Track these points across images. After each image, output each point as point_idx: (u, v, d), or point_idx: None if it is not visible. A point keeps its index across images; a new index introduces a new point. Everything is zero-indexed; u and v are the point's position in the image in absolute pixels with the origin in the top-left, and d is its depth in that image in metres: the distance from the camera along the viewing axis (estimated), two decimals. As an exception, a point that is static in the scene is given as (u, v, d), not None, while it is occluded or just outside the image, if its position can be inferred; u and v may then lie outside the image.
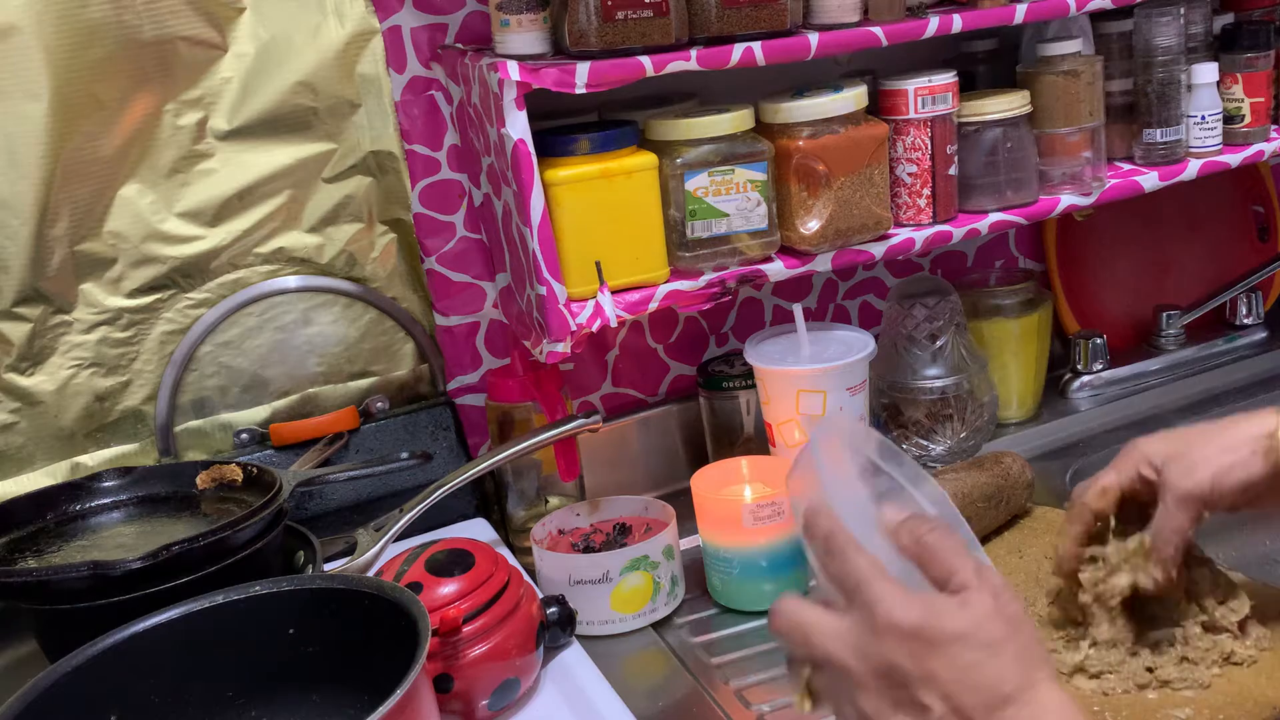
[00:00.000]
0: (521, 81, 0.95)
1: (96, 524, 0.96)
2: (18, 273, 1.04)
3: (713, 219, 1.04)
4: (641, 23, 0.96)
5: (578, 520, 1.09)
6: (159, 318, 1.10)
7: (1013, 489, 1.09)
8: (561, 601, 0.95)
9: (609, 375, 1.29)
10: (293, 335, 1.15)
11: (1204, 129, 1.24)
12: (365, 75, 1.11)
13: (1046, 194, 1.19)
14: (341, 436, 1.16)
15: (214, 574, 0.84)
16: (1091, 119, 1.18)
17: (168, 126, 1.06)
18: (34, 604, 0.84)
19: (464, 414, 1.22)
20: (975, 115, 1.14)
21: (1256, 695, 0.82)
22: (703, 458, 1.25)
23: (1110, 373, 1.40)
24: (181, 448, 1.14)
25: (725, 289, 1.06)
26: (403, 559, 0.90)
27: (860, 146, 1.06)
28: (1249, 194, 1.51)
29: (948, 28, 1.07)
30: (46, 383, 1.08)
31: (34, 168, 1.02)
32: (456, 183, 1.17)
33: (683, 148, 1.03)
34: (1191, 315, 1.46)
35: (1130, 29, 1.23)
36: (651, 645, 1.00)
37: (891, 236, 1.12)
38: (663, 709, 0.91)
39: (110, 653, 0.74)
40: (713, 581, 1.05)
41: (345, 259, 1.15)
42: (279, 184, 1.11)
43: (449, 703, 0.85)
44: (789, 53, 1.01)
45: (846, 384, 1.09)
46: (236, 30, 1.06)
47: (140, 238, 1.07)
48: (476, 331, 1.22)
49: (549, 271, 1.00)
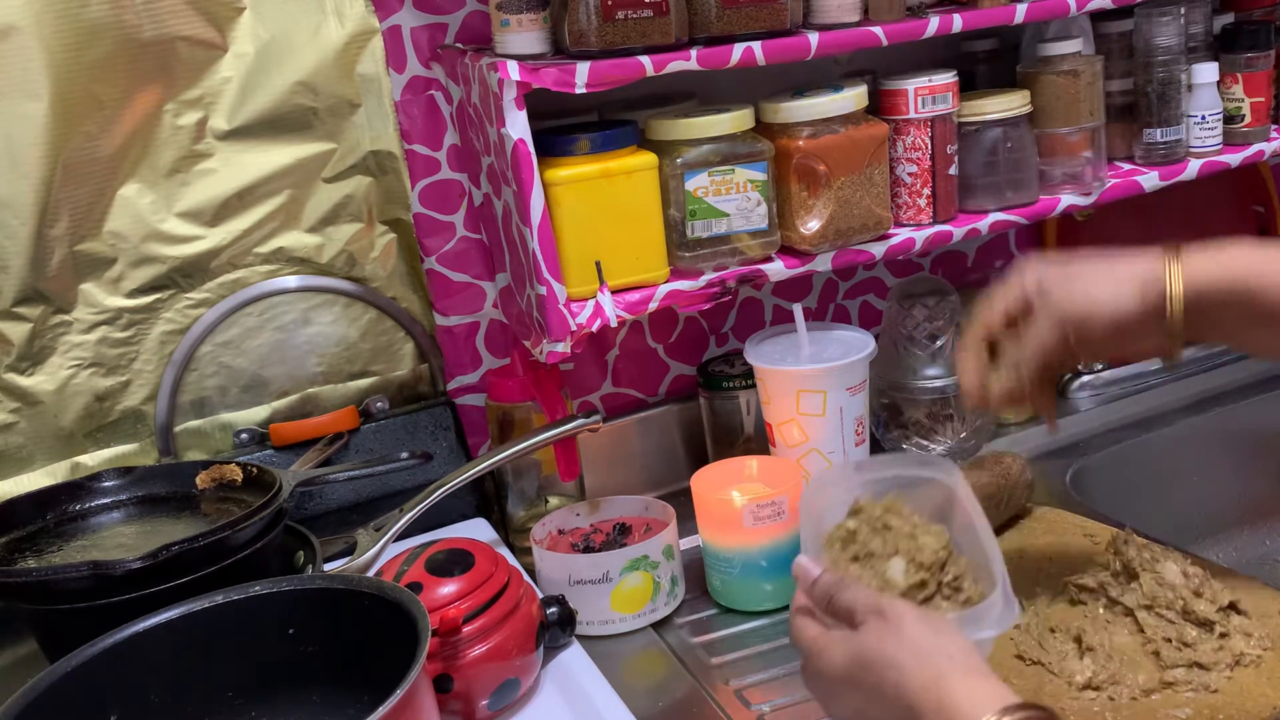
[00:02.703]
0: (521, 81, 0.95)
1: (96, 524, 0.96)
2: (18, 273, 1.04)
3: (713, 219, 1.04)
4: (641, 23, 0.96)
5: (578, 520, 1.09)
6: (159, 318, 1.10)
7: (1013, 489, 1.09)
8: (561, 601, 0.95)
9: (609, 375, 1.29)
10: (293, 335, 1.15)
11: (1204, 129, 1.24)
12: (365, 75, 1.11)
13: (1047, 194, 1.19)
14: (341, 436, 1.16)
15: (214, 574, 0.84)
16: (1092, 119, 1.18)
17: (167, 126, 1.06)
18: (34, 604, 0.84)
19: (464, 414, 1.22)
20: (975, 115, 1.14)
21: (1256, 695, 0.82)
22: (703, 458, 1.25)
23: (1110, 373, 1.40)
24: (181, 448, 1.14)
25: (725, 289, 1.06)
26: (403, 559, 0.90)
27: (860, 146, 1.06)
28: (1249, 194, 1.51)
29: (948, 28, 1.07)
30: (46, 383, 1.08)
31: (34, 168, 1.02)
32: (456, 183, 1.17)
33: (683, 147, 1.03)
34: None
35: (1130, 29, 1.23)
36: (651, 645, 1.00)
37: (892, 236, 1.12)
38: (663, 709, 0.91)
39: (110, 653, 0.74)
40: (713, 581, 1.05)
41: (345, 259, 1.15)
42: (279, 184, 1.11)
43: (449, 703, 0.85)
44: (789, 53, 1.01)
45: (846, 384, 1.09)
46: (236, 30, 1.06)
47: (140, 238, 1.07)
48: (476, 331, 1.22)
49: (549, 271, 1.00)
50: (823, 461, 1.10)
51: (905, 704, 0.64)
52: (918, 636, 0.65)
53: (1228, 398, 1.38)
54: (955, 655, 0.65)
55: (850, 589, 0.71)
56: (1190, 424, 1.33)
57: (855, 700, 0.68)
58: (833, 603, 0.71)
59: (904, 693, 0.64)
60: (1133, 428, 1.32)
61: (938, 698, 0.62)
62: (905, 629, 0.66)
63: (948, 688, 0.62)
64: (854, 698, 0.68)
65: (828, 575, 0.73)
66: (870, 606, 0.68)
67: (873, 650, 0.66)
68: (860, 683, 0.67)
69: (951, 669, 0.63)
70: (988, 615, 0.71)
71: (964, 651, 0.65)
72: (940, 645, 0.65)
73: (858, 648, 0.67)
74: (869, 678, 0.66)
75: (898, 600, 0.69)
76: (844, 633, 0.69)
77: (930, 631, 0.66)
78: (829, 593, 0.71)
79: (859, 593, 0.70)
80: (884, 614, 0.67)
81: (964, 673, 0.63)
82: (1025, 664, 0.87)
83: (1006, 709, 0.60)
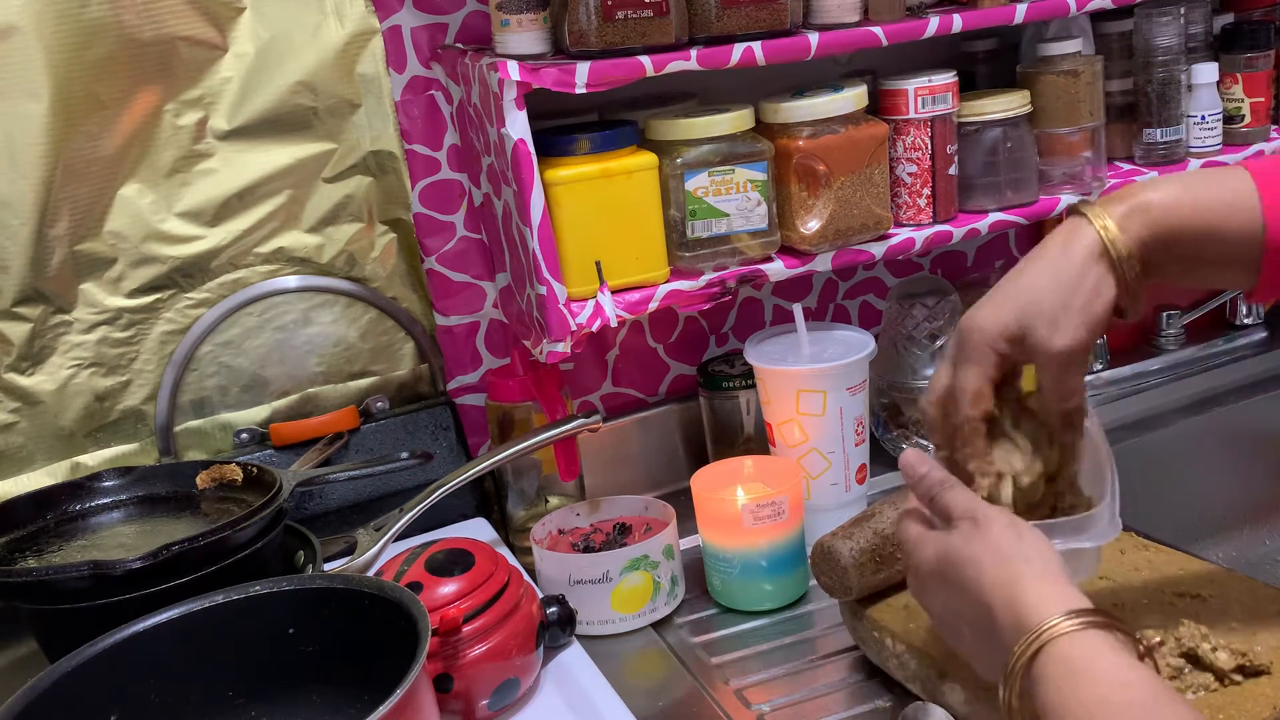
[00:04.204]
0: (521, 81, 0.95)
1: (96, 524, 0.96)
2: (18, 273, 1.04)
3: (713, 219, 1.04)
4: (641, 23, 0.96)
5: (578, 520, 1.09)
6: (159, 318, 1.10)
7: (1013, 489, 1.09)
8: (561, 601, 0.95)
9: (609, 375, 1.29)
10: (293, 335, 1.15)
11: (1204, 129, 1.24)
12: (365, 75, 1.11)
13: (1046, 194, 1.19)
14: (341, 436, 1.16)
15: (214, 574, 0.84)
16: (1091, 119, 1.18)
17: (168, 126, 1.06)
18: (34, 604, 0.84)
19: (464, 414, 1.22)
20: (975, 115, 1.14)
21: (1256, 695, 0.82)
22: (703, 458, 1.25)
23: (1110, 373, 1.40)
24: (181, 448, 1.14)
25: (725, 289, 1.06)
26: (403, 559, 0.90)
27: (860, 146, 1.06)
28: (1249, 194, 1.51)
29: (948, 28, 1.07)
30: (46, 383, 1.08)
31: (34, 168, 1.02)
32: (456, 182, 1.17)
33: (683, 148, 1.03)
34: (1191, 315, 1.46)
35: (1130, 29, 1.23)
36: (651, 645, 1.00)
37: (891, 236, 1.12)
38: (663, 709, 0.91)
39: (110, 653, 0.74)
40: (713, 581, 1.05)
41: (345, 259, 1.15)
42: (279, 184, 1.11)
43: (449, 703, 0.85)
44: (789, 53, 1.01)
45: (846, 384, 1.09)
46: (236, 30, 1.06)
47: (140, 238, 1.07)
48: (476, 331, 1.22)
49: (549, 271, 1.00)
50: (823, 461, 1.10)
51: (982, 601, 0.66)
52: (1002, 540, 0.68)
53: (1228, 398, 1.38)
54: (1033, 559, 0.67)
55: (952, 490, 0.73)
56: (1190, 424, 1.33)
57: (942, 595, 0.71)
58: (934, 501, 0.73)
59: (981, 589, 0.67)
60: (1133, 428, 1.32)
61: (1010, 595, 0.65)
62: (992, 533, 0.68)
63: (1021, 588, 0.65)
64: (941, 593, 0.71)
65: (935, 472, 0.75)
66: (966, 510, 0.71)
67: (960, 550, 0.69)
68: (947, 579, 0.70)
69: (1028, 572, 0.66)
70: (1091, 527, 0.74)
71: (1043, 557, 0.67)
72: (1021, 550, 0.67)
73: (948, 546, 0.70)
74: (954, 574, 0.69)
75: (992, 507, 0.71)
76: (939, 533, 0.72)
77: (1014, 537, 0.68)
78: (932, 491, 0.74)
79: (959, 495, 0.72)
80: (976, 518, 0.70)
81: (1038, 576, 0.65)
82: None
83: (1072, 611, 0.62)
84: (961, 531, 0.70)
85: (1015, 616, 0.64)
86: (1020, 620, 0.64)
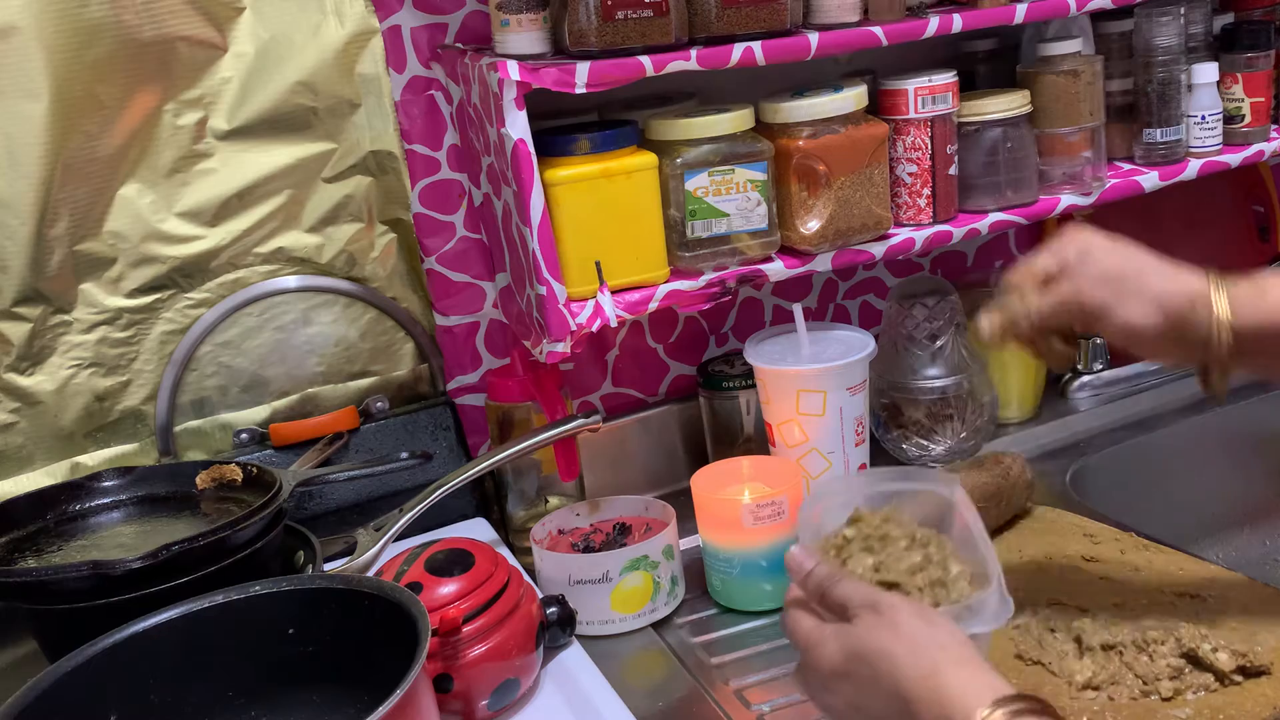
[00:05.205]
0: (521, 81, 0.95)
1: (96, 524, 0.96)
2: (18, 273, 1.04)
3: (713, 219, 1.04)
4: (641, 23, 0.96)
5: (578, 520, 1.09)
6: (159, 318, 1.10)
7: (1013, 489, 1.09)
8: (561, 601, 0.95)
9: (609, 375, 1.29)
10: (293, 335, 1.15)
11: (1204, 129, 1.24)
12: (365, 75, 1.11)
13: (1046, 194, 1.19)
14: (341, 436, 1.16)
15: (214, 574, 0.84)
16: (1091, 119, 1.18)
17: (167, 126, 1.06)
18: (34, 604, 0.84)
19: (464, 414, 1.22)
20: (975, 115, 1.14)
21: (1256, 695, 0.82)
22: (703, 458, 1.25)
23: (1110, 373, 1.40)
24: (181, 448, 1.14)
25: (725, 289, 1.06)
26: (403, 559, 0.90)
27: (860, 146, 1.06)
28: (1249, 194, 1.51)
29: (948, 28, 1.07)
30: (46, 383, 1.08)
31: (34, 168, 1.02)
32: (456, 182, 1.17)
33: (683, 147, 1.03)
34: (1191, 315, 1.46)
35: (1130, 29, 1.23)
36: (651, 645, 1.00)
37: (891, 236, 1.12)
38: (663, 709, 0.91)
39: (110, 653, 0.74)
40: (713, 581, 1.05)
41: (345, 259, 1.15)
42: (279, 184, 1.11)
43: (449, 703, 0.85)
44: (789, 53, 1.01)
45: (846, 384, 1.09)
46: (236, 30, 1.06)
47: (140, 238, 1.07)
48: (476, 331, 1.22)
49: (549, 271, 1.00)
50: (823, 461, 1.10)
51: (900, 696, 0.63)
52: (912, 629, 0.65)
53: (1228, 398, 1.37)
54: (949, 646, 0.64)
55: (844, 582, 0.70)
56: (1190, 424, 1.33)
57: (849, 693, 0.67)
58: (826, 596, 0.70)
59: (899, 684, 0.63)
60: (1133, 428, 1.32)
61: (932, 688, 0.62)
62: (900, 622, 0.66)
63: (942, 679, 0.62)
64: (848, 691, 0.67)
65: (822, 567, 0.72)
66: (865, 600, 0.68)
67: (867, 643, 0.66)
68: (854, 675, 0.66)
69: (946, 660, 0.63)
70: (982, 610, 0.71)
71: (958, 643, 0.65)
72: (934, 637, 0.65)
73: (852, 640, 0.67)
74: (864, 670, 0.66)
75: (892, 594, 0.69)
76: (838, 626, 0.69)
77: (924, 624, 0.66)
78: (823, 586, 0.71)
79: (854, 586, 0.70)
80: (878, 607, 0.67)
81: (958, 663, 0.63)
82: (1025, 664, 0.87)
83: (1000, 700, 0.60)
84: (864, 622, 0.67)
85: (941, 709, 0.61)
86: (947, 713, 0.61)
